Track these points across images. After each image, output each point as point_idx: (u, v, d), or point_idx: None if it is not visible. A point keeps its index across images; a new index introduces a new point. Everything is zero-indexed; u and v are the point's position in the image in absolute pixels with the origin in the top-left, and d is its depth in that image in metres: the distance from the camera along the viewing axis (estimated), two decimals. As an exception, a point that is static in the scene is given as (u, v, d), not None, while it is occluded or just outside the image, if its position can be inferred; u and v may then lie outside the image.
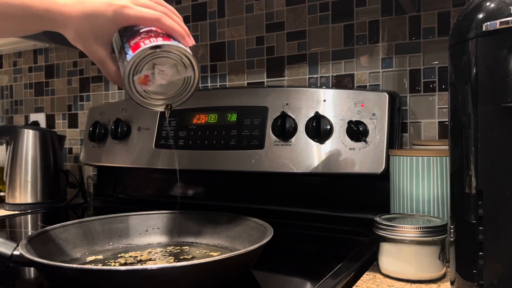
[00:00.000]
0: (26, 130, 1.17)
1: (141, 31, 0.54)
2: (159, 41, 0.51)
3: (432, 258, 0.58)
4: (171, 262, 0.63)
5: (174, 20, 0.55)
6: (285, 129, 0.87)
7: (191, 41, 0.55)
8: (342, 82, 0.98)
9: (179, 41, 0.53)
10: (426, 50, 0.90)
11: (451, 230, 0.49)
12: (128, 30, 0.55)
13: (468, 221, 0.45)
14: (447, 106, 0.88)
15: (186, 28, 0.56)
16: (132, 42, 0.52)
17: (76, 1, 0.53)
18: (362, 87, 0.96)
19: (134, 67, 0.51)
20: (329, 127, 0.85)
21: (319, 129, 0.84)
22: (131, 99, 0.54)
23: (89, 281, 0.49)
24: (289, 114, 0.89)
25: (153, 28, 0.54)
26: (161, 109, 0.56)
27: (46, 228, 0.65)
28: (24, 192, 1.15)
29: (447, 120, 0.78)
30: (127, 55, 0.51)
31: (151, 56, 0.51)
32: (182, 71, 0.53)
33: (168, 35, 0.54)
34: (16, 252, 0.54)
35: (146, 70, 0.52)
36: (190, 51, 0.53)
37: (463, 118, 0.46)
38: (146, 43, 0.51)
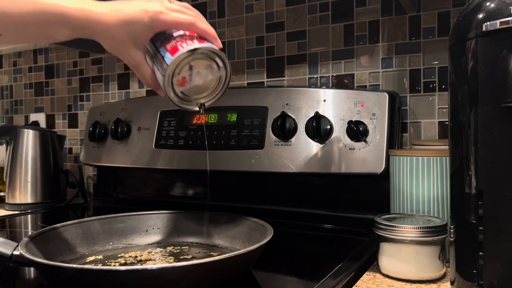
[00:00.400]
0: (26, 130, 1.17)
1: (174, 35, 0.56)
2: (196, 44, 0.54)
3: (432, 258, 0.58)
4: (171, 262, 0.64)
5: (205, 23, 0.58)
6: (285, 129, 0.87)
7: (220, 43, 0.58)
8: (342, 82, 0.98)
9: (212, 43, 0.56)
10: (426, 50, 0.90)
11: (451, 230, 0.49)
12: (161, 35, 0.57)
13: (468, 221, 0.45)
14: (447, 106, 0.88)
15: (214, 31, 0.58)
16: (168, 46, 0.54)
17: (112, 9, 0.55)
18: (362, 87, 0.96)
19: (174, 70, 0.53)
20: (329, 127, 0.85)
21: (319, 129, 0.84)
22: (172, 101, 0.56)
23: (89, 281, 0.49)
24: (289, 114, 0.89)
25: (185, 32, 0.56)
26: (196, 108, 0.58)
27: (46, 228, 0.65)
28: (24, 192, 1.15)
29: (447, 120, 0.78)
30: (165, 58, 0.53)
31: (190, 59, 0.53)
32: (216, 71, 0.56)
33: (202, 38, 0.56)
34: (16, 252, 0.54)
35: (184, 72, 0.54)
36: (223, 52, 0.56)
37: (463, 118, 0.46)
38: (184, 46, 0.53)
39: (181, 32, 0.56)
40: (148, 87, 0.59)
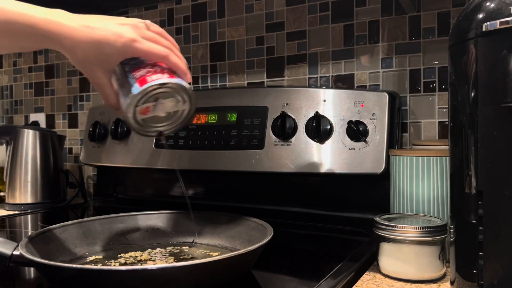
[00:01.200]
0: (26, 130, 1.17)
1: (145, 63, 0.56)
2: (165, 78, 0.53)
3: (432, 258, 0.58)
4: (171, 262, 0.63)
5: (178, 56, 0.57)
6: (285, 129, 0.87)
7: (190, 77, 0.57)
8: (342, 82, 0.98)
9: (182, 78, 0.55)
10: (426, 50, 0.90)
11: (451, 230, 0.49)
12: (131, 59, 0.56)
13: (468, 221, 0.45)
14: (447, 106, 0.88)
15: (186, 63, 0.57)
16: (137, 74, 0.54)
17: (83, 25, 0.53)
18: (362, 87, 0.96)
19: (139, 100, 0.53)
20: (329, 127, 0.85)
21: (319, 129, 0.84)
22: (129, 126, 0.56)
23: (89, 281, 0.49)
24: (289, 114, 0.89)
25: (156, 62, 0.56)
26: (154, 135, 0.58)
27: (46, 228, 0.65)
28: (24, 192, 1.15)
29: (447, 120, 0.78)
30: (132, 87, 0.53)
31: (157, 91, 0.53)
32: (180, 105, 0.56)
33: (172, 72, 0.56)
34: (16, 252, 0.54)
35: (148, 102, 0.54)
36: (191, 87, 0.56)
37: (463, 118, 0.46)
38: (154, 79, 0.53)
39: (152, 62, 0.56)
40: (108, 106, 0.59)
